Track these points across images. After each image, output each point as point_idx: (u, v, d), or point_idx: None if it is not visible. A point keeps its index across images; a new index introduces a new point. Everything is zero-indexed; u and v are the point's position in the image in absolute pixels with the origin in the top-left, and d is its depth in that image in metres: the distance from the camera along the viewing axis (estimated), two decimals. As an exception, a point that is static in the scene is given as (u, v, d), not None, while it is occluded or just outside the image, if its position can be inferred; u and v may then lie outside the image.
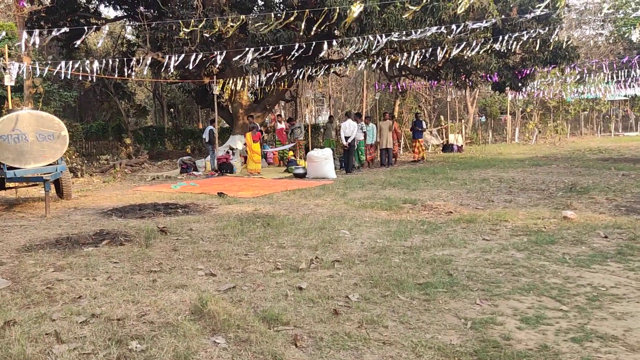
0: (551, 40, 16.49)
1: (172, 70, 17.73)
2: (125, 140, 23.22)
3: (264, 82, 18.25)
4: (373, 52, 14.82)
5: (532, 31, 15.35)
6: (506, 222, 7.72)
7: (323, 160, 15.06)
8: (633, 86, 32.46)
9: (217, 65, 16.76)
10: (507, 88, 20.88)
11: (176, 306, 4.35)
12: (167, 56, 14.34)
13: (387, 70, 18.99)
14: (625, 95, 37.21)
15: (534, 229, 7.18)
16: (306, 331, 3.88)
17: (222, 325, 3.87)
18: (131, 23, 24.69)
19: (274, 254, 6.18)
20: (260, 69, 19.37)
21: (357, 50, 14.35)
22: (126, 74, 16.49)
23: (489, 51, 17.16)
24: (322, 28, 13.79)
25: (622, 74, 30.26)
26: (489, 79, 20.32)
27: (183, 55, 14.45)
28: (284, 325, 3.96)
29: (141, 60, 16.37)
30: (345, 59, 15.91)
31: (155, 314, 4.18)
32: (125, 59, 16.39)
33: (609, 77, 31.27)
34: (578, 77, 29.87)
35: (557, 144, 26.84)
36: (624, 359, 3.35)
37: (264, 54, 14.53)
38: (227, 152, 18.12)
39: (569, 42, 18.28)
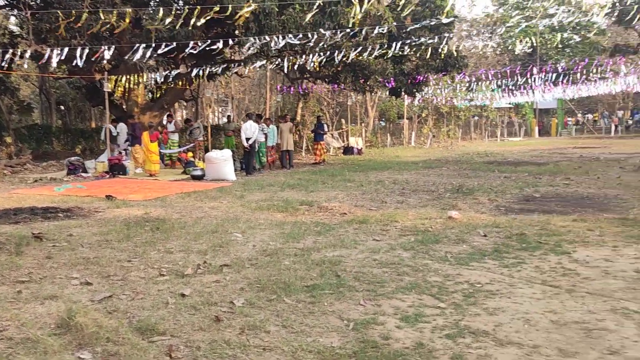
0: (441, 49, 17.33)
1: (54, 65, 16.54)
2: (5, 139, 21.38)
3: (161, 81, 17.57)
4: (272, 53, 14.75)
5: (424, 39, 16.05)
6: (396, 223, 7.93)
7: (222, 161, 14.74)
8: (516, 95, 35.06)
9: (109, 61, 15.89)
10: (403, 93, 21.67)
11: (41, 320, 3.99)
12: (51, 49, 13.35)
13: (288, 72, 19.03)
14: (510, 103, 40.10)
15: (421, 229, 7.44)
16: (183, 341, 3.70)
17: (90, 338, 3.59)
18: (14, 12, 22.83)
19: (160, 260, 5.90)
20: (158, 66, 18.64)
21: (254, 50, 14.21)
22: (7, 66, 15.18)
23: (385, 57, 17.71)
24: (221, 27, 13.53)
25: (507, 83, 32.56)
26: (387, 84, 21.00)
27: (67, 48, 13.52)
28: (159, 336, 3.75)
29: (23, 53, 15.14)
30: (244, 59, 15.70)
31: (15, 329, 3.80)
32: (3, 50, 15.08)
33: (495, 85, 33.51)
34: (468, 85, 31.75)
35: (449, 148, 28.29)
36: (492, 353, 3.50)
37: (159, 51, 13.97)
38: (120, 153, 17.24)
39: (458, 52, 19.31)
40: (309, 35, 13.63)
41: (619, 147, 25.07)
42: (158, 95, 20.87)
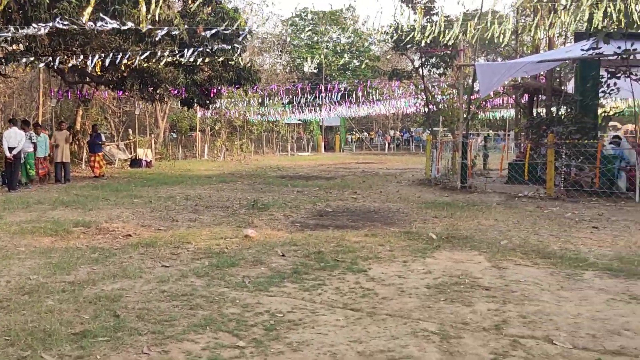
0: (234, 62, 17.06)
1: None
2: None
3: None
4: (40, 50, 12.80)
5: (216, 50, 15.57)
6: (189, 244, 7.21)
7: (-26, 175, 12.26)
8: (305, 111, 36.74)
9: None
10: (196, 104, 20.87)
11: None
12: None
13: (64, 75, 16.87)
14: (299, 119, 41.94)
15: (216, 250, 6.84)
16: None
17: None
18: None
19: None
20: None
21: (14, 44, 12.15)
22: None
23: (177, 65, 16.79)
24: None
25: (297, 100, 33.89)
26: (178, 94, 20.00)
27: None
28: None
29: None
30: (4, 55, 13.38)
31: None
32: None
33: (286, 101, 34.63)
34: (260, 99, 32.22)
35: (242, 162, 28.21)
36: (300, 399, 3.06)
37: None
38: None
39: (250, 65, 19.26)
40: (86, 32, 12.11)
41: (393, 162, 27.70)
42: None
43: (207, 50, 14.95)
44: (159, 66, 16.79)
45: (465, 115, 14.30)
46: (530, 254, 6.66)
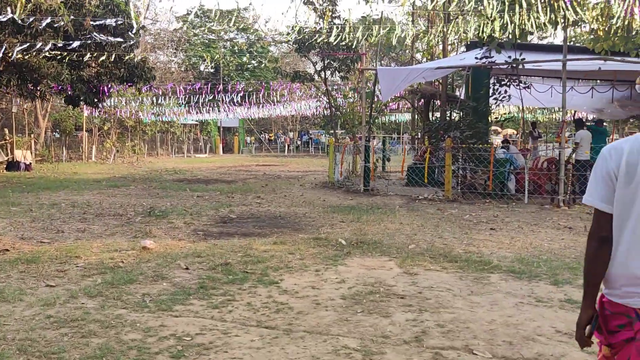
0: (126, 58, 16.01)
1: None
2: None
3: None
4: None
5: (106, 44, 14.50)
6: (78, 259, 6.48)
7: None
8: (202, 112, 35.65)
9: None
10: (82, 103, 19.36)
11: None
12: None
13: None
14: (196, 120, 40.65)
15: (110, 265, 6.20)
16: None
17: None
18: None
19: None
20: None
21: None
22: None
23: (60, 60, 15.44)
24: None
25: (193, 99, 32.76)
26: (62, 91, 18.45)
27: None
28: None
29: None
30: None
31: None
32: None
33: (182, 101, 33.37)
34: (154, 99, 30.76)
35: (135, 164, 26.71)
36: None
37: None
38: None
39: (144, 62, 18.21)
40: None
41: (294, 165, 27.59)
42: None
43: (95, 43, 13.83)
44: (40, 60, 15.35)
45: (367, 119, 14.45)
46: (438, 258, 6.72)
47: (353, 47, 13.58)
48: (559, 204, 11.17)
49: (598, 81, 17.27)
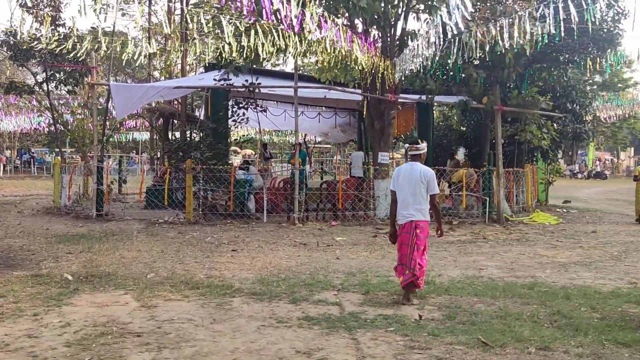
0: None
1: None
2: None
3: None
4: None
5: None
6: None
7: None
8: None
9: None
10: None
11: None
12: None
13: None
14: None
15: None
16: None
17: None
18: None
19: None
20: None
21: None
22: None
23: None
24: None
25: None
26: None
27: None
28: None
29: None
30: None
31: None
32: None
33: None
34: None
35: None
36: None
37: None
38: None
39: None
40: None
41: (12, 188, 23.89)
42: None
43: None
44: None
45: (100, 138, 13.26)
46: (179, 286, 6.38)
47: (81, 59, 12.32)
48: (294, 222, 11.85)
49: (324, 108, 19.12)
